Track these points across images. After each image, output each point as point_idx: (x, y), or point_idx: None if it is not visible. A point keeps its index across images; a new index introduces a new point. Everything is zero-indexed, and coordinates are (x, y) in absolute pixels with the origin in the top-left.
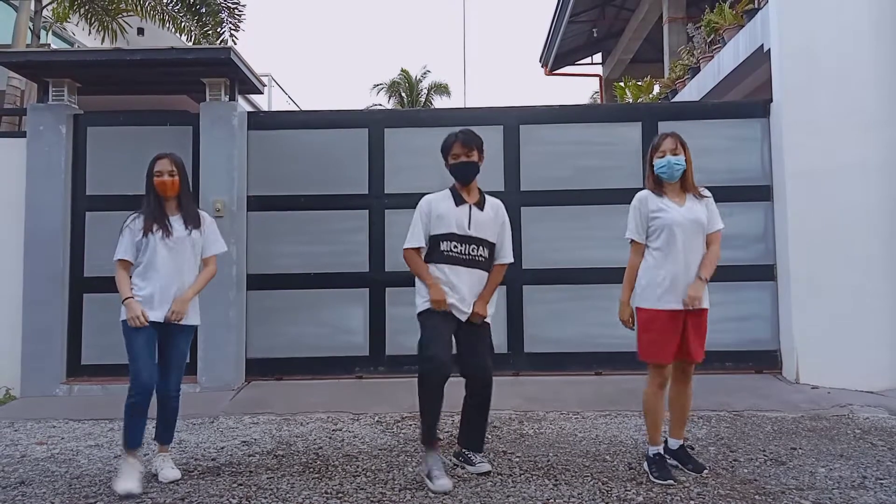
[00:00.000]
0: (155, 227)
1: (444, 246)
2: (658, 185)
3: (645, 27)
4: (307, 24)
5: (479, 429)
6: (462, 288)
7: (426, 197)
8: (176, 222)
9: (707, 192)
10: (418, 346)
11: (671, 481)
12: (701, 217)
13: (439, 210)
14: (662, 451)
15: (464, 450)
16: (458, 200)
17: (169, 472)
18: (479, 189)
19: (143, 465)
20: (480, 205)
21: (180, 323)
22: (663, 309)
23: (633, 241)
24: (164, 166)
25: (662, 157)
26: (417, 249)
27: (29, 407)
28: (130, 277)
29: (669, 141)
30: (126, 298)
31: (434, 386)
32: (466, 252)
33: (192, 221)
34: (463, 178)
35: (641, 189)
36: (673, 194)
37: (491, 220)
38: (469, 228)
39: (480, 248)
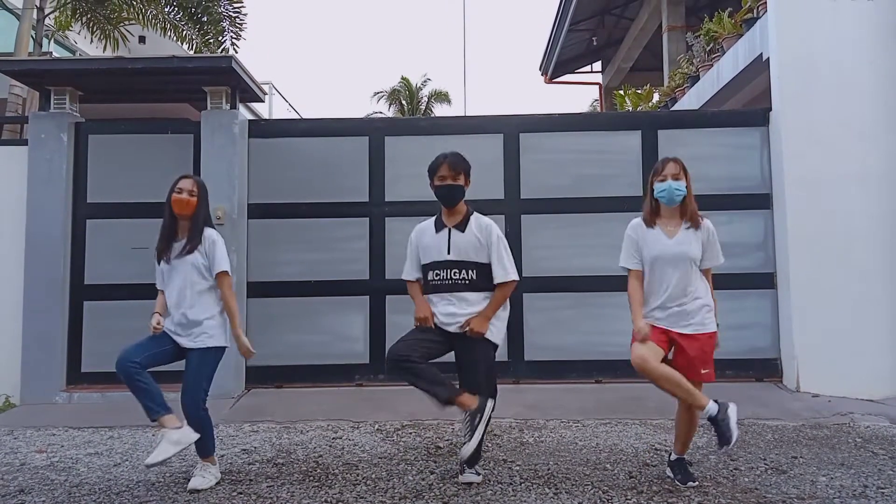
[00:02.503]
0: (162, 253)
1: (430, 276)
2: (655, 212)
3: (644, 36)
4: (308, 32)
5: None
6: (446, 314)
7: (417, 227)
8: (178, 245)
9: (708, 223)
10: None
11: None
12: (690, 250)
13: (424, 240)
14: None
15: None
16: (439, 226)
17: (194, 480)
18: (466, 209)
19: (177, 422)
20: (462, 226)
21: (191, 347)
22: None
23: (628, 269)
24: (186, 185)
25: (664, 181)
26: (415, 281)
27: (28, 415)
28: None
29: (672, 165)
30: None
31: (400, 371)
32: (448, 277)
33: (190, 245)
34: (447, 201)
35: (640, 197)
36: (668, 220)
37: (474, 241)
38: (448, 253)
39: (463, 271)
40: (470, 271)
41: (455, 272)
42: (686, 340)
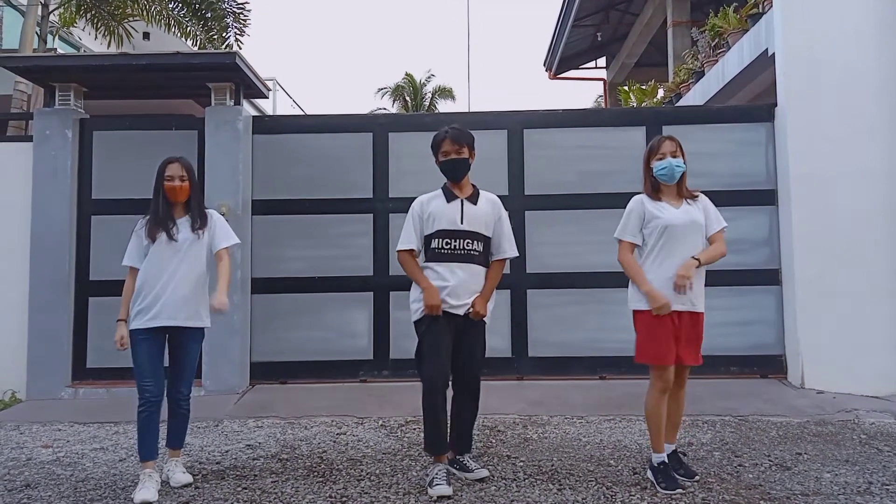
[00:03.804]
0: (160, 232)
1: (435, 244)
2: (655, 190)
3: (649, 31)
4: (312, 28)
5: (467, 428)
6: (457, 285)
7: (418, 198)
8: (183, 225)
9: (700, 194)
10: (416, 358)
11: (679, 490)
12: (698, 217)
13: (430, 209)
14: (666, 460)
15: (458, 456)
16: (450, 197)
17: (180, 476)
18: (472, 185)
19: (159, 474)
20: (473, 198)
21: (191, 326)
22: None
23: (620, 240)
24: (175, 171)
25: (662, 158)
26: (411, 252)
27: (34, 410)
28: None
29: (668, 144)
30: (119, 320)
31: (433, 401)
32: (461, 247)
33: (200, 223)
34: (453, 175)
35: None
36: (670, 197)
37: (485, 214)
38: (462, 223)
39: (475, 242)
40: (479, 243)
41: (468, 242)
42: (689, 320)
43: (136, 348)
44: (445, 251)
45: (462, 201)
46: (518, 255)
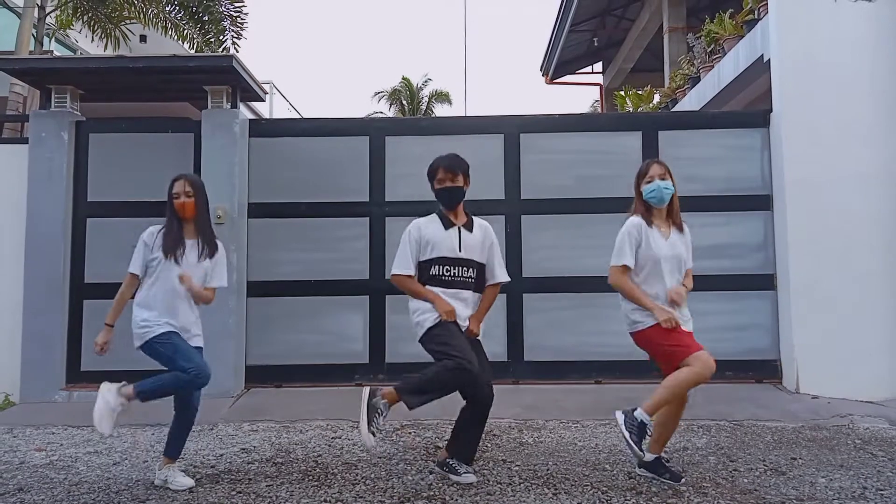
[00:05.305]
0: (172, 252)
1: (434, 270)
2: (647, 213)
3: (645, 36)
4: (309, 31)
5: (473, 441)
6: (458, 307)
7: (415, 222)
8: (191, 249)
9: (685, 227)
10: (445, 353)
11: (683, 480)
12: (682, 252)
13: (428, 235)
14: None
15: (449, 459)
16: (447, 224)
17: (182, 479)
18: (465, 211)
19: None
20: (469, 226)
21: (201, 346)
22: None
23: (621, 266)
24: (181, 187)
25: (651, 182)
26: (410, 276)
27: (28, 413)
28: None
29: (657, 167)
30: (107, 324)
31: (456, 377)
32: (458, 274)
33: (208, 251)
34: (448, 203)
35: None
36: (660, 222)
37: (479, 242)
38: (460, 251)
39: (470, 269)
40: (474, 270)
41: (465, 270)
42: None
43: (170, 343)
44: (446, 278)
45: (459, 229)
46: (510, 279)
